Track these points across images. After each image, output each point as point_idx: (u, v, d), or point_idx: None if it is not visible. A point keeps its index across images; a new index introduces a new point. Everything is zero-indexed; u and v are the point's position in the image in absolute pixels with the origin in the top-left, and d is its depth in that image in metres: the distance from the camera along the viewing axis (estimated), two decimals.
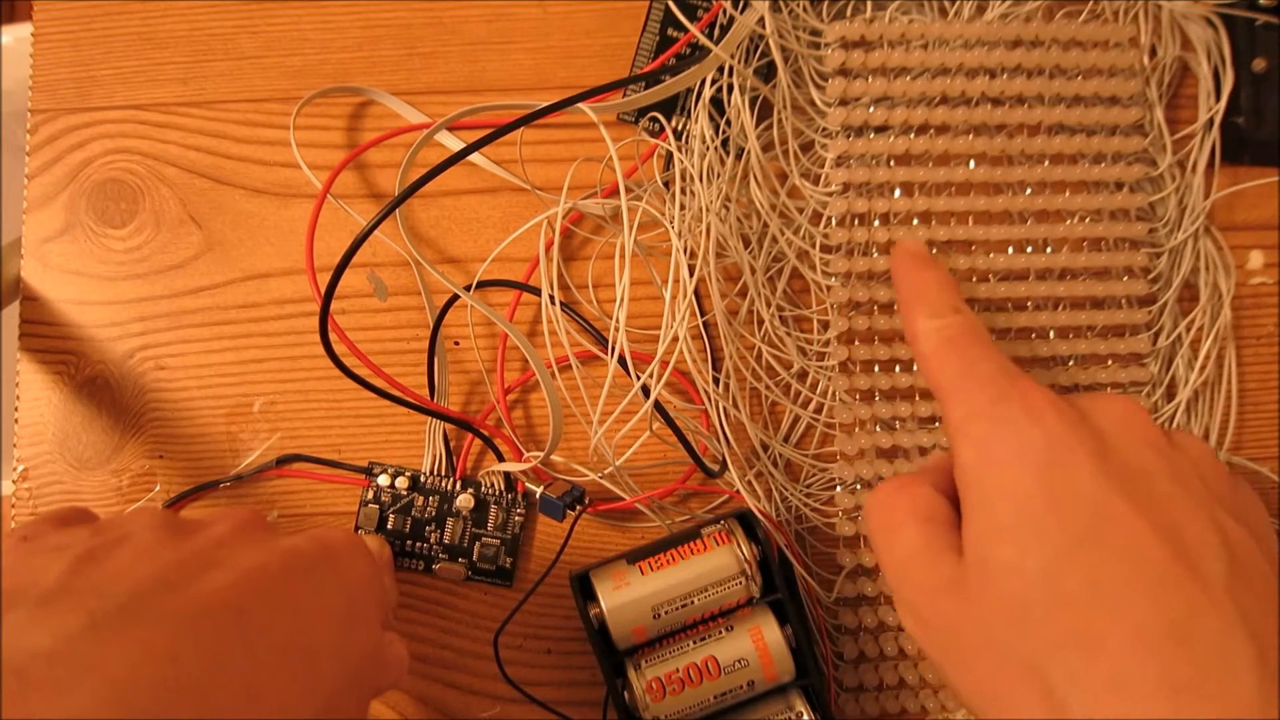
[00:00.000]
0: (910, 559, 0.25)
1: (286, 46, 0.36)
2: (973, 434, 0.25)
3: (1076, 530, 0.22)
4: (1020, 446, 0.24)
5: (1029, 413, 0.24)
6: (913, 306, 0.28)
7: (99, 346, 0.35)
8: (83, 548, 0.22)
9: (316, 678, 0.22)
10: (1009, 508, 0.23)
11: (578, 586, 0.30)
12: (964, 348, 0.26)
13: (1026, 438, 0.24)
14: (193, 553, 0.22)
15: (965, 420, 0.25)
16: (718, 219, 0.33)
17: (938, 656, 0.25)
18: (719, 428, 0.33)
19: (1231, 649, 0.21)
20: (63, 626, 0.19)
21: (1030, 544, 0.23)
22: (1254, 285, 0.36)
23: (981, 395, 0.25)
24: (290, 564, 0.23)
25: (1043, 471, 0.23)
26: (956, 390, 0.26)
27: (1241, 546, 0.23)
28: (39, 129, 0.35)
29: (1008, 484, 0.23)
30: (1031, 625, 0.22)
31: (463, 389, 0.35)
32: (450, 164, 0.28)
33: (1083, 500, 0.23)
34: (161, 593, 0.21)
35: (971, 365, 0.26)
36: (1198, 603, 0.21)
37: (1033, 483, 0.23)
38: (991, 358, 0.26)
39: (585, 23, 0.36)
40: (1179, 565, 0.22)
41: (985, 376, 0.25)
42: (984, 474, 0.24)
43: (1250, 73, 0.36)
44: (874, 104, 0.34)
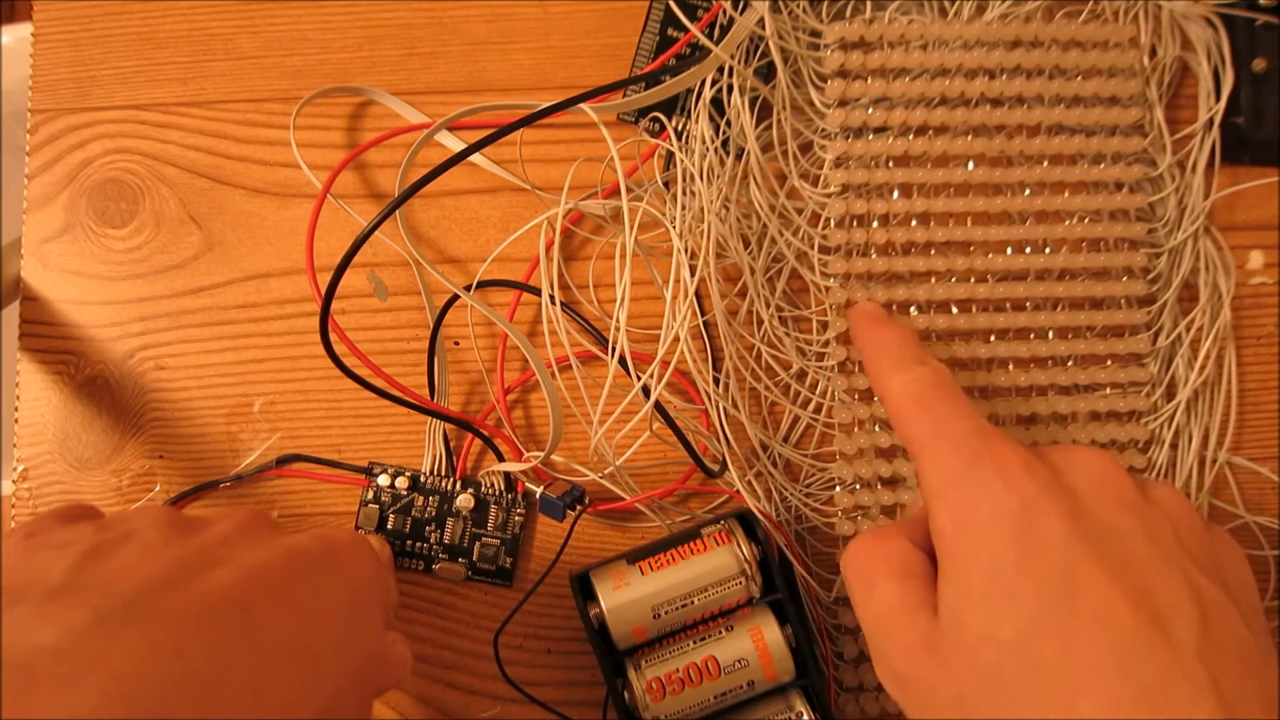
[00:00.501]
0: (886, 614, 0.25)
1: (286, 46, 0.36)
2: (949, 498, 0.25)
3: (1049, 596, 0.23)
4: (994, 512, 0.24)
5: (1002, 476, 0.24)
6: (878, 362, 0.29)
7: (99, 346, 0.35)
8: (88, 544, 0.22)
9: (320, 675, 0.22)
10: (983, 575, 0.23)
11: (578, 586, 0.30)
12: (934, 404, 0.27)
13: (1000, 503, 0.24)
14: (197, 550, 0.22)
15: (941, 485, 0.25)
16: (718, 219, 0.33)
17: (913, 714, 0.25)
18: (719, 428, 0.33)
19: (1200, 714, 0.21)
20: (68, 622, 0.19)
21: (1004, 612, 0.23)
22: (1254, 285, 0.36)
23: (955, 458, 0.25)
24: (294, 562, 0.23)
25: (1016, 537, 0.23)
26: (929, 451, 0.26)
27: (1215, 607, 0.23)
28: (39, 129, 0.35)
29: (983, 551, 0.24)
30: (1005, 692, 0.22)
31: (463, 389, 0.35)
32: (451, 164, 0.28)
33: (1056, 565, 0.23)
34: (166, 589, 0.21)
35: (943, 423, 0.26)
36: (1168, 669, 0.21)
37: (1007, 549, 0.23)
38: (963, 414, 0.26)
39: (585, 23, 0.36)
40: (1150, 630, 0.22)
41: (958, 436, 0.25)
42: (960, 540, 0.24)
43: (1250, 73, 0.36)
44: (873, 105, 0.34)
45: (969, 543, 0.24)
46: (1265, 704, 0.22)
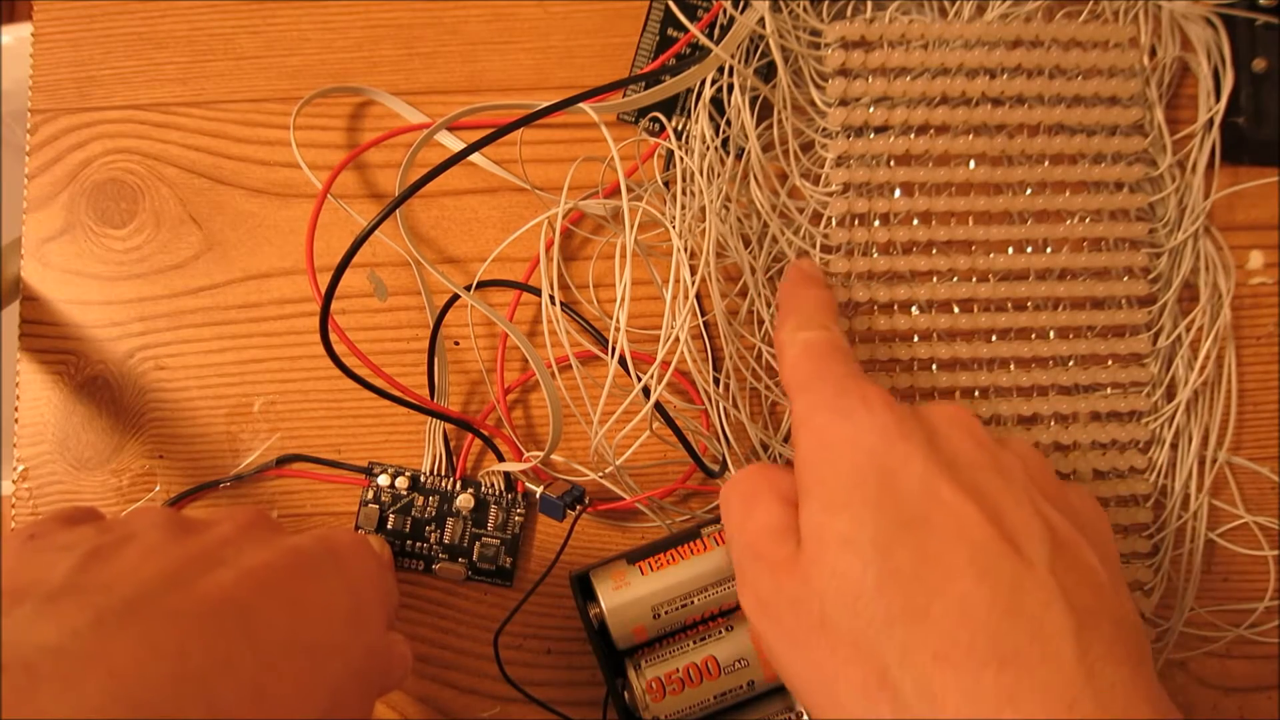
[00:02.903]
0: (760, 535, 0.25)
1: (286, 46, 0.36)
2: (813, 423, 0.26)
3: (906, 510, 0.23)
4: (855, 433, 0.25)
5: (865, 404, 0.25)
6: (785, 317, 0.29)
7: (99, 346, 0.35)
8: (90, 545, 0.22)
9: (321, 675, 0.22)
10: (843, 486, 0.24)
11: (578, 586, 0.30)
12: (821, 356, 0.27)
13: (862, 426, 0.25)
14: (199, 551, 0.23)
15: (807, 411, 0.26)
16: (718, 219, 0.33)
17: (773, 641, 0.25)
18: (719, 428, 0.33)
19: (1053, 620, 0.21)
20: (70, 622, 0.19)
21: (863, 517, 0.23)
22: (1254, 285, 0.36)
23: (825, 390, 0.26)
24: (295, 562, 0.23)
25: (875, 455, 0.24)
26: (804, 388, 0.27)
27: (1065, 534, 0.23)
28: (39, 129, 0.35)
29: (843, 465, 0.24)
30: (863, 602, 0.22)
31: (463, 389, 0.35)
32: (450, 164, 0.28)
33: (913, 483, 0.23)
34: (168, 590, 0.21)
35: (824, 367, 0.27)
36: (1021, 577, 0.22)
37: (866, 464, 0.24)
38: (846, 364, 0.27)
39: (585, 23, 0.36)
40: (1003, 544, 0.22)
41: (832, 376, 0.26)
42: (821, 457, 0.25)
43: (1250, 73, 0.36)
44: (874, 104, 0.34)
45: (829, 459, 0.25)
46: (1114, 624, 0.22)
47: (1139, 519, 0.33)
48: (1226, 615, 0.34)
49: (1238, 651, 0.34)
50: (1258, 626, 0.34)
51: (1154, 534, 0.34)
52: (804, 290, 0.30)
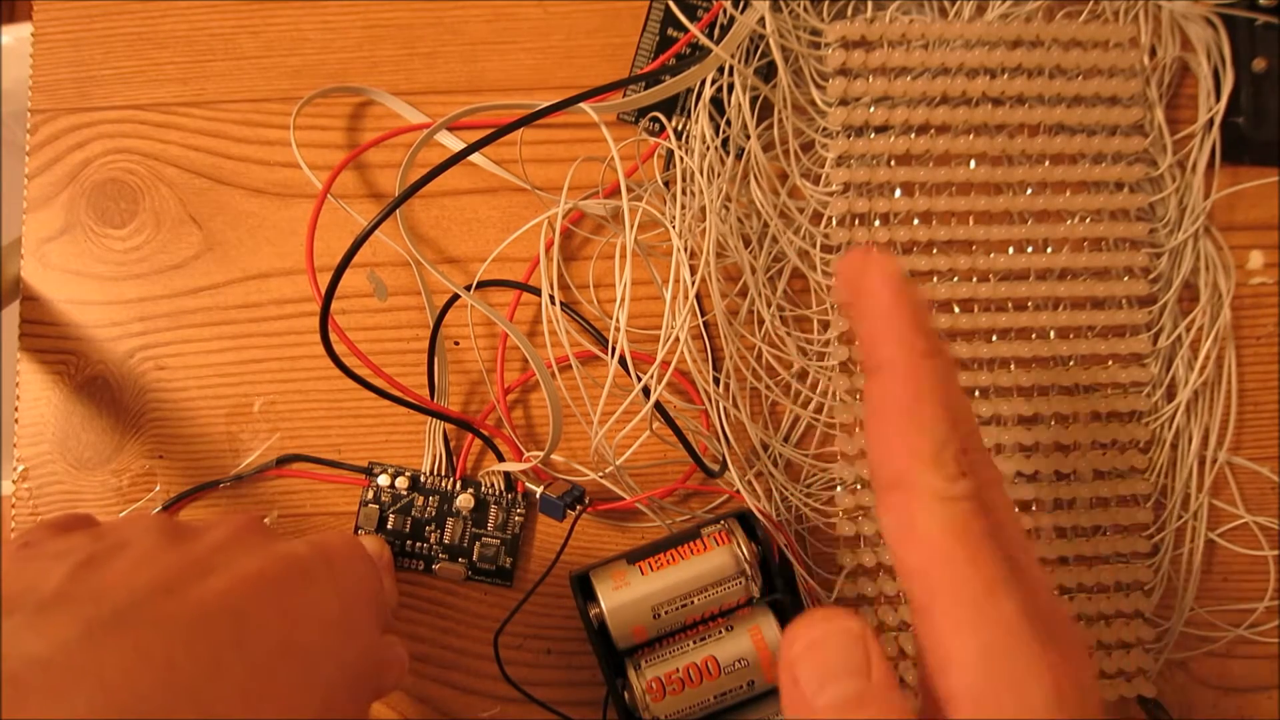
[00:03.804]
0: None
1: (286, 46, 0.36)
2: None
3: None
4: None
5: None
6: (912, 438, 0.20)
7: (99, 346, 0.35)
8: (82, 554, 0.22)
9: (313, 682, 0.22)
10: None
11: (578, 586, 0.30)
12: (982, 557, 0.19)
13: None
14: (190, 558, 0.22)
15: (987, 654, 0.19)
16: (718, 219, 0.33)
17: None
18: (719, 428, 0.33)
19: None
20: (59, 634, 0.19)
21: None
22: (1254, 285, 0.36)
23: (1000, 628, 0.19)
24: (287, 568, 0.23)
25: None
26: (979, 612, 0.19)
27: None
28: (39, 129, 0.35)
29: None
30: None
31: (463, 389, 0.35)
32: (450, 164, 0.28)
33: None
34: (158, 598, 0.21)
35: (995, 599, 0.19)
36: None
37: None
38: (1026, 587, 0.19)
39: (585, 23, 0.36)
40: None
41: (1013, 627, 0.19)
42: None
43: (1250, 73, 0.36)
44: (874, 104, 0.34)
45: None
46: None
47: (1139, 519, 0.33)
48: (1226, 615, 0.34)
49: (1238, 651, 0.34)
50: (1258, 626, 0.34)
51: (1154, 534, 0.34)
52: (928, 363, 0.21)
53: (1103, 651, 0.33)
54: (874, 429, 0.21)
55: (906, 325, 0.21)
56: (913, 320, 0.21)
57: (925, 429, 0.20)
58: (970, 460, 0.20)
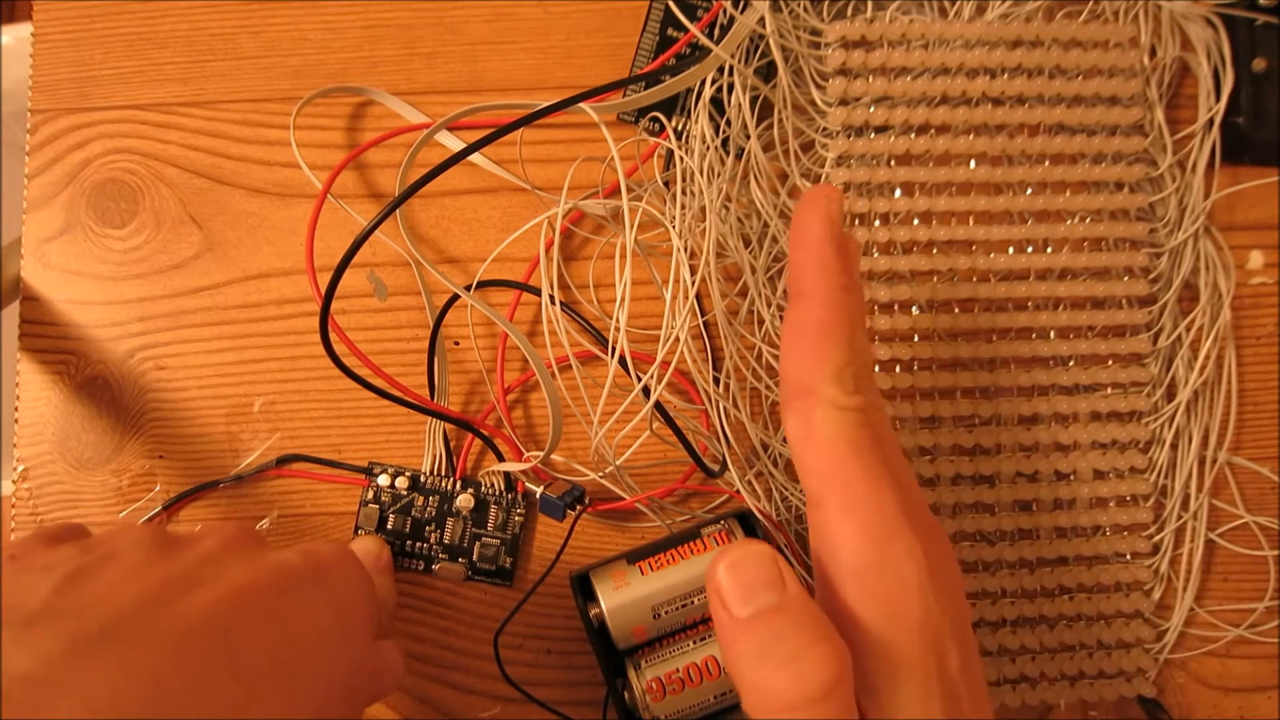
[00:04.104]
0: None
1: (286, 46, 0.36)
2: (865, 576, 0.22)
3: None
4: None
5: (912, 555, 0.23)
6: (819, 356, 0.23)
7: (99, 346, 0.35)
8: (70, 566, 0.21)
9: (304, 693, 0.22)
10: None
11: (578, 586, 0.30)
12: (869, 458, 0.23)
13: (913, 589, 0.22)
14: (180, 571, 0.22)
15: (858, 549, 0.22)
16: (718, 219, 0.33)
17: None
18: (719, 427, 0.33)
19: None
20: (44, 649, 0.19)
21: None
22: (1254, 285, 0.36)
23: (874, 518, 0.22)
24: (277, 579, 0.23)
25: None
26: (850, 501, 0.22)
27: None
28: (39, 129, 0.35)
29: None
30: None
31: (463, 389, 0.35)
32: (450, 164, 0.27)
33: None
34: (146, 612, 0.20)
35: (879, 493, 0.22)
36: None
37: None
38: (901, 486, 0.23)
39: (585, 23, 0.36)
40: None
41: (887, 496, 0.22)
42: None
43: (1250, 73, 0.36)
44: (874, 104, 0.34)
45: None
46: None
47: (1139, 519, 0.33)
48: (1226, 615, 0.34)
49: (1238, 651, 0.34)
50: (1258, 626, 0.34)
51: (1154, 534, 0.34)
52: (842, 282, 0.24)
53: (1103, 651, 0.33)
54: (789, 346, 0.24)
55: (831, 260, 0.24)
56: (837, 257, 0.24)
57: (832, 350, 0.23)
58: (863, 385, 0.23)
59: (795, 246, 0.24)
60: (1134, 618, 0.33)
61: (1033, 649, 0.33)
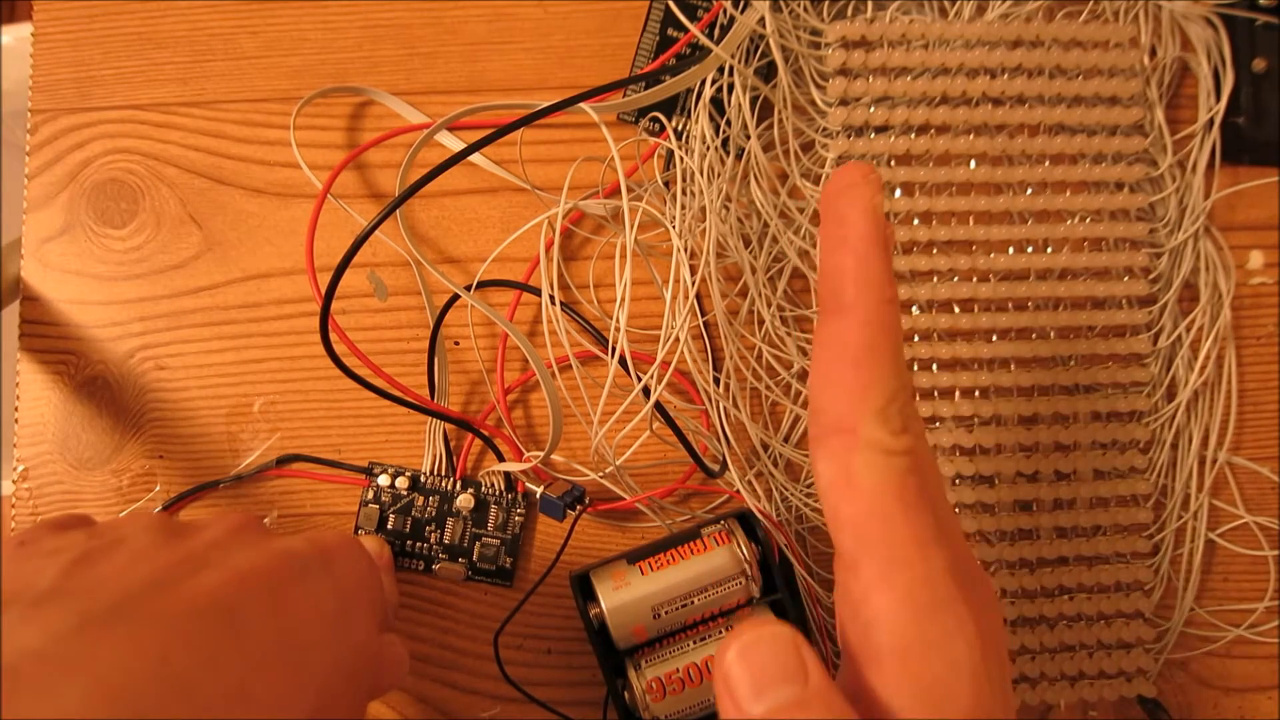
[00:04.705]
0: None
1: (286, 46, 0.36)
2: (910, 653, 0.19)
3: None
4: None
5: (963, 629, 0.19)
6: (861, 386, 0.19)
7: (99, 346, 0.35)
8: (78, 551, 0.22)
9: (309, 677, 0.22)
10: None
11: (578, 586, 0.30)
12: (916, 514, 0.19)
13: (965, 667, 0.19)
14: (186, 554, 0.22)
15: (898, 617, 0.19)
16: (718, 219, 0.33)
17: None
18: (719, 428, 0.33)
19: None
20: (53, 626, 0.19)
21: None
22: (1254, 285, 0.36)
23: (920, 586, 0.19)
24: (283, 564, 0.23)
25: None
26: (889, 561, 0.19)
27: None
28: (39, 129, 0.35)
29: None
30: None
31: (463, 389, 0.35)
32: (450, 164, 0.28)
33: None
34: (153, 593, 0.21)
35: (926, 556, 0.19)
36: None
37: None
38: (950, 544, 0.19)
39: (585, 23, 0.36)
40: None
41: (940, 586, 0.19)
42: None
43: (1250, 73, 0.36)
44: (874, 104, 0.34)
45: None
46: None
47: (1139, 519, 0.33)
48: (1226, 615, 0.34)
49: (1238, 651, 0.34)
50: (1258, 626, 0.34)
51: (1154, 534, 0.34)
52: (885, 311, 0.20)
53: (1103, 651, 0.33)
54: (824, 372, 0.20)
55: (877, 266, 0.20)
56: (883, 262, 0.20)
57: (878, 379, 0.19)
58: (909, 421, 0.20)
59: (833, 246, 0.20)
60: (1134, 618, 0.33)
61: (1033, 649, 0.33)
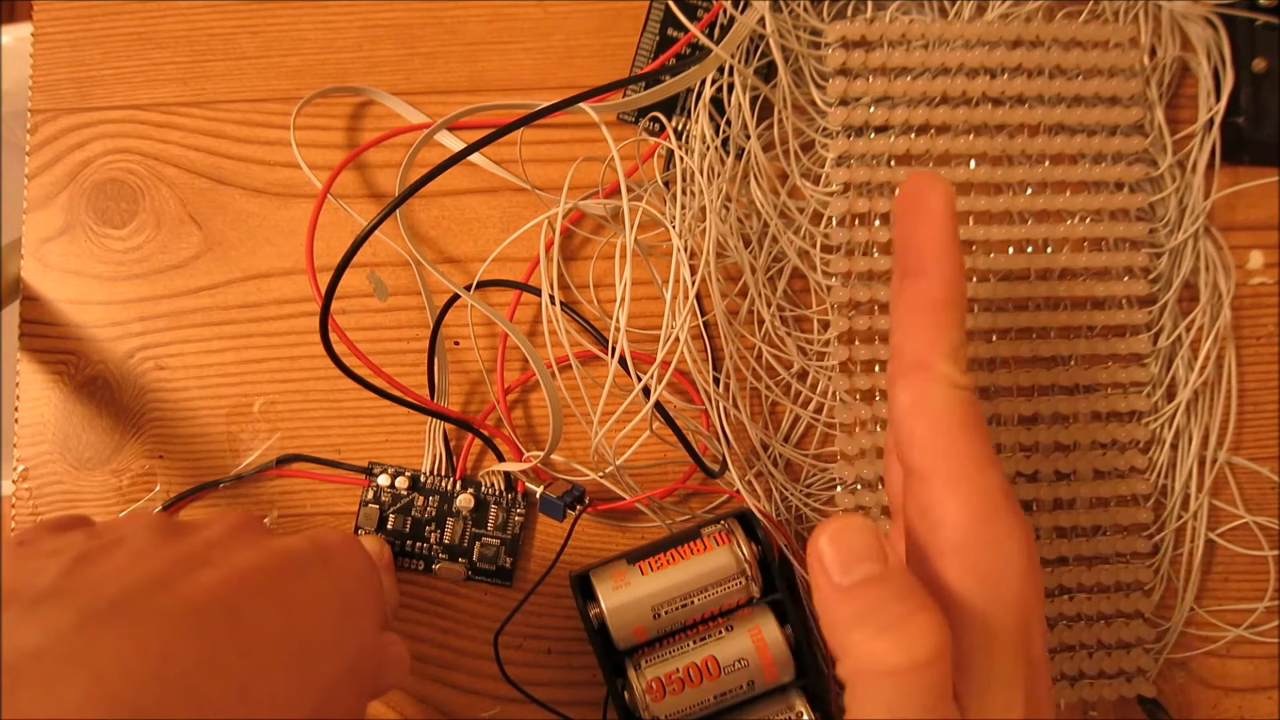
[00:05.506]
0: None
1: (286, 46, 0.36)
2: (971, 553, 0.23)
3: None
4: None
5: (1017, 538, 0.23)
6: (938, 332, 0.24)
7: (99, 346, 0.35)
8: (78, 550, 0.22)
9: (310, 675, 0.22)
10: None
11: (578, 586, 0.30)
12: (978, 438, 0.23)
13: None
14: (186, 553, 0.22)
15: (969, 525, 0.22)
16: (718, 219, 0.33)
17: None
18: (719, 428, 0.33)
19: None
20: (53, 624, 0.19)
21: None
22: (1254, 285, 0.36)
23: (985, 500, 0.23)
24: (284, 562, 0.23)
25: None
26: (958, 481, 0.23)
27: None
28: (39, 129, 0.35)
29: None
30: None
31: (463, 389, 0.35)
32: (450, 164, 0.28)
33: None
34: (154, 591, 0.21)
35: (985, 473, 0.23)
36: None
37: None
38: (1001, 471, 0.23)
39: (585, 23, 0.36)
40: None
41: (999, 495, 0.23)
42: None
43: (1250, 73, 0.36)
44: (874, 104, 0.34)
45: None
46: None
47: (1139, 519, 0.33)
48: (1226, 615, 0.34)
49: (1238, 651, 0.34)
50: (1258, 626, 0.34)
51: (1154, 534, 0.34)
52: (955, 287, 0.24)
53: (1103, 651, 0.33)
54: (905, 320, 0.24)
55: (953, 239, 0.24)
56: (956, 236, 0.24)
57: (949, 328, 0.23)
58: (968, 364, 0.24)
59: (914, 222, 0.24)
60: (1134, 618, 0.33)
61: None
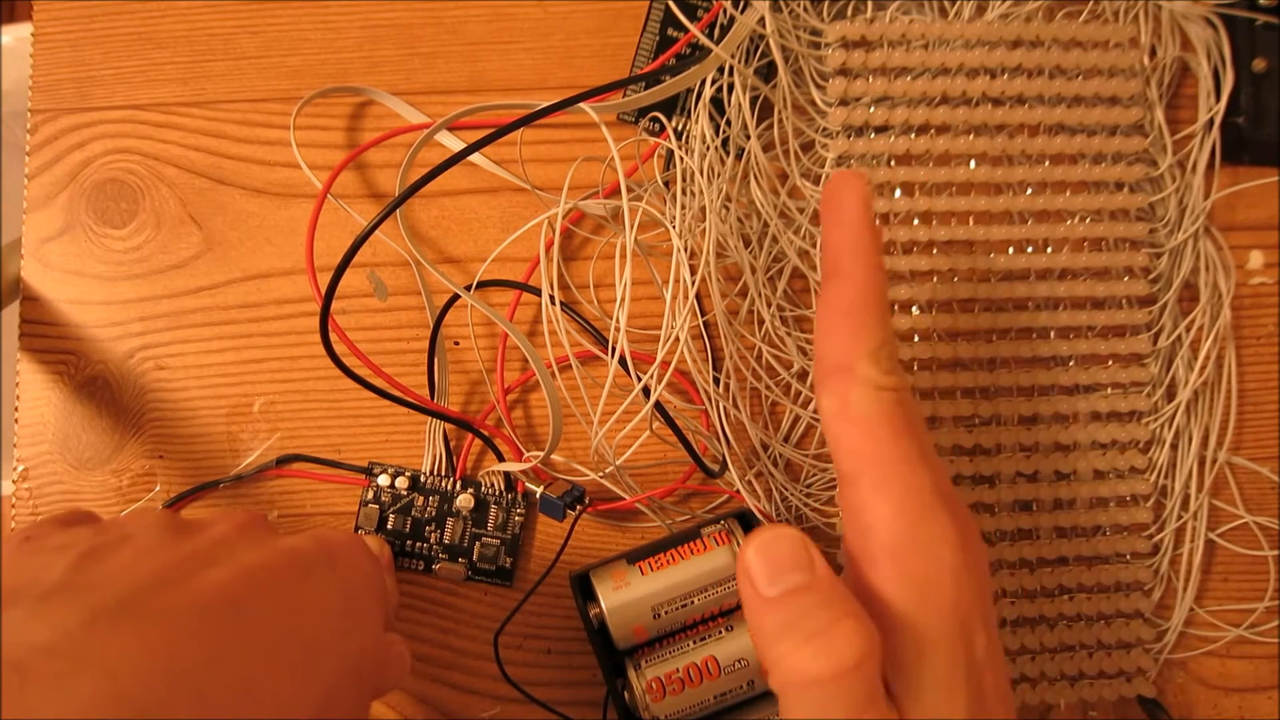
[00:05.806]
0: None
1: (286, 46, 0.36)
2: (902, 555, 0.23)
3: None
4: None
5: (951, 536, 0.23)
6: (856, 334, 0.23)
7: (99, 346, 0.35)
8: (85, 546, 0.22)
9: (314, 674, 0.22)
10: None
11: (578, 586, 0.30)
12: (904, 438, 0.23)
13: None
14: (192, 551, 0.23)
15: (896, 529, 0.22)
16: (718, 219, 0.33)
17: None
18: (719, 428, 0.33)
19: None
20: (62, 621, 0.19)
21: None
22: (1254, 285, 0.36)
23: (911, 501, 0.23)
24: (289, 562, 0.24)
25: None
26: (884, 483, 0.22)
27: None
28: (39, 129, 0.35)
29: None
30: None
31: (463, 389, 0.35)
32: (450, 164, 0.28)
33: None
34: (161, 588, 0.21)
35: (915, 473, 0.22)
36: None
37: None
38: (933, 469, 0.23)
39: (585, 23, 0.36)
40: None
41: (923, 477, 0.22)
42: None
43: (1250, 73, 0.36)
44: (874, 104, 0.34)
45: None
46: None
47: (1139, 519, 0.33)
48: (1226, 615, 0.34)
49: (1238, 651, 0.34)
50: (1258, 626, 0.34)
51: (1154, 534, 0.34)
52: (875, 278, 0.24)
53: (1103, 651, 0.33)
54: (825, 323, 0.24)
55: (868, 240, 0.24)
56: (873, 237, 0.24)
57: (869, 328, 0.23)
58: (895, 367, 0.23)
59: (831, 225, 0.24)
60: (1134, 618, 0.33)
61: (1033, 649, 0.33)
